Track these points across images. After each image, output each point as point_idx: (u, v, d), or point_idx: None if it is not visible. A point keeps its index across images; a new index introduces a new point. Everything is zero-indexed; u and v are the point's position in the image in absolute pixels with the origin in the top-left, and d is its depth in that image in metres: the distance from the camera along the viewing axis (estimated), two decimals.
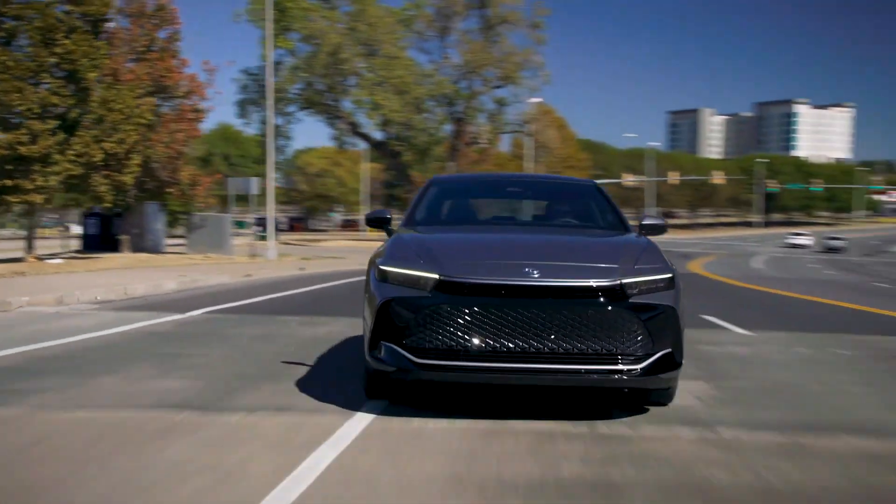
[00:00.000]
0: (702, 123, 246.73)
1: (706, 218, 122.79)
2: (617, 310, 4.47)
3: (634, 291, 4.53)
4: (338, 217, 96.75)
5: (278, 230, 49.76)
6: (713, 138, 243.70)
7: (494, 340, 4.38)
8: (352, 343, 7.77)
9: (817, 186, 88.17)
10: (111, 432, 4.25)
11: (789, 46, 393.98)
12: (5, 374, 5.87)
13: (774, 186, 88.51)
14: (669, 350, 4.58)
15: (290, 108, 54.13)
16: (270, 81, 31.53)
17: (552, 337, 4.38)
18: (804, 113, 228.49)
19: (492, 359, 4.38)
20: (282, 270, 21.08)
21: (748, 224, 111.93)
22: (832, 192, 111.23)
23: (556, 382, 4.65)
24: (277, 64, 53.70)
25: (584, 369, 4.41)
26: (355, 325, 8.67)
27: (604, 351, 4.43)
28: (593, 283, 4.49)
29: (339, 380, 5.90)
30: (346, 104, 55.42)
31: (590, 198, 6.48)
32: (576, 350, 4.40)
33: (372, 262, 5.00)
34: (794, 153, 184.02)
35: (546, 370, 4.40)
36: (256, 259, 27.00)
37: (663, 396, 5.15)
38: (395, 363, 4.50)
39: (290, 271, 21.15)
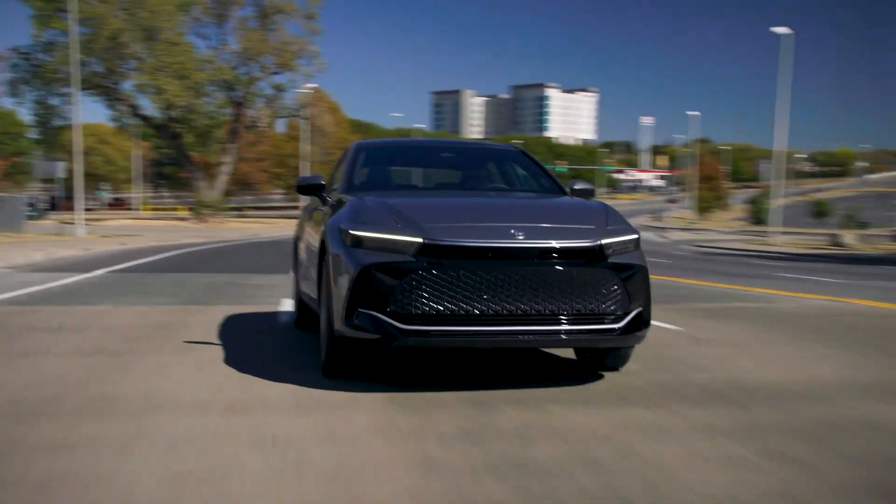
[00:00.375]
0: (463, 104, 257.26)
1: None
2: (599, 270, 4.56)
3: (610, 252, 4.63)
4: (106, 196, 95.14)
5: (42, 210, 50.39)
6: (474, 119, 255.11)
7: (481, 303, 4.38)
8: (237, 286, 12.00)
9: (561, 167, 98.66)
10: (179, 312, 8.16)
11: (543, 31, 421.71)
12: (45, 298, 9.25)
13: None
14: (641, 309, 4.72)
15: (68, 90, 54.77)
16: (76, 75, 33.45)
17: (538, 298, 4.42)
18: (555, 96, 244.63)
19: (479, 322, 4.39)
20: (109, 245, 23.97)
21: None
22: (578, 171, 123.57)
23: (544, 344, 4.65)
24: (50, 44, 54.22)
25: (572, 329, 4.49)
26: (231, 276, 13.29)
27: (586, 311, 4.52)
28: (577, 243, 4.55)
29: (254, 295, 10.19)
30: (127, 87, 56.79)
31: (520, 163, 6.55)
32: (561, 311, 4.47)
33: (331, 230, 4.88)
34: (547, 134, 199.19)
35: (533, 332, 4.44)
36: (67, 237, 29.19)
37: (618, 361, 5.26)
38: (376, 331, 4.42)
39: (116, 246, 24.08)
